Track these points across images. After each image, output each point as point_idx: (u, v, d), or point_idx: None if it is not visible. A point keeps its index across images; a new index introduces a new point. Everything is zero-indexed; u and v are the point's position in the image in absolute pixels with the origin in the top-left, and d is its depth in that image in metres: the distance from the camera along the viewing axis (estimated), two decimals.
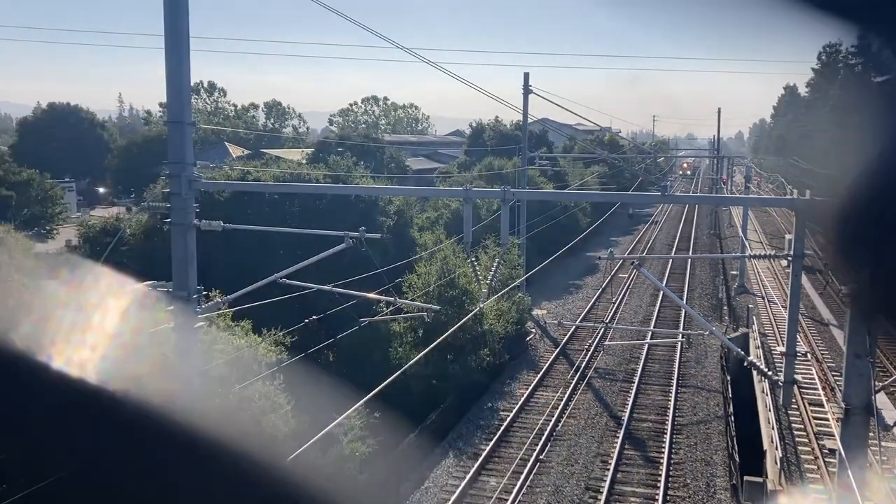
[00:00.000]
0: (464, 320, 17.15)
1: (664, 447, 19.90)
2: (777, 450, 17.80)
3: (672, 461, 19.21)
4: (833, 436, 18.36)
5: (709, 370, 26.15)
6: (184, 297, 11.79)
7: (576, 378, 24.80)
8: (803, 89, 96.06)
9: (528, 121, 34.05)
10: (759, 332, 28.71)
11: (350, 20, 15.26)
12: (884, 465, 15.52)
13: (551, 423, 21.05)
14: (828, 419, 20.02)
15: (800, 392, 21.41)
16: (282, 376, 15.64)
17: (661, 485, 17.77)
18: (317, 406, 17.47)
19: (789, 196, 26.63)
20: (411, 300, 20.53)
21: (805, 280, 29.87)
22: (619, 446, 19.74)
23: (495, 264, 23.46)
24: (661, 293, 33.08)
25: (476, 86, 19.92)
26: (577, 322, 30.84)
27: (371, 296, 16.68)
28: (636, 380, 24.77)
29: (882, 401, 19.17)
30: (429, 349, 12.36)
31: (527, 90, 31.23)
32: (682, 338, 26.33)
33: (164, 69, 10.84)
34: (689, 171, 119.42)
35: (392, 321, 21.39)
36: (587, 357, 26.93)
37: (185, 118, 11.24)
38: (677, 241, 56.12)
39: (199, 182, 11.98)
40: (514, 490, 17.37)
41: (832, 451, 16.42)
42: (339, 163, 33.23)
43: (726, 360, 25.90)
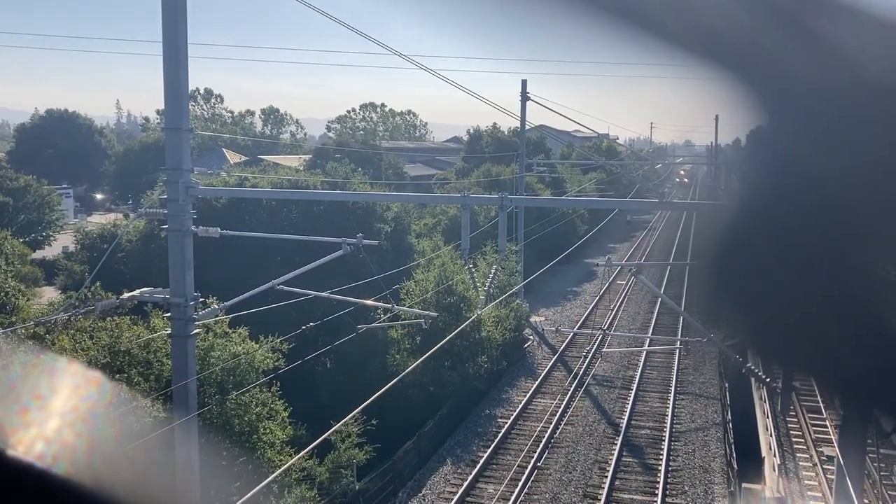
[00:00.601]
0: (461, 327, 17.11)
1: (662, 454, 19.86)
2: (775, 457, 17.76)
3: (670, 468, 19.17)
4: (831, 443, 18.38)
5: (707, 377, 26.15)
6: (181, 303, 11.78)
7: (574, 385, 24.76)
8: None
9: (526, 127, 34.13)
10: None
11: (348, 27, 15.31)
12: (882, 473, 15.51)
13: (549, 430, 21.00)
14: (826, 426, 20.02)
15: (798, 399, 21.40)
16: (279, 383, 15.60)
17: (660, 492, 17.72)
18: (314, 413, 17.46)
19: None
20: (409, 307, 20.53)
21: None
22: (617, 453, 19.68)
23: (493, 271, 23.64)
24: (659, 299, 33.06)
25: (474, 93, 20.04)
26: (575, 329, 30.81)
27: (369, 302, 16.68)
28: (634, 386, 24.75)
29: None
30: (426, 356, 12.35)
31: (524, 97, 31.30)
32: (680, 344, 26.30)
33: (161, 76, 10.87)
34: (687, 179, 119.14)
35: (390, 328, 21.36)
36: (585, 364, 26.89)
37: (182, 125, 11.26)
38: (675, 247, 56.12)
39: (196, 188, 11.99)
40: (512, 497, 17.31)
41: (830, 459, 16.41)
42: (337, 169, 33.27)
43: (724, 367, 25.87)
